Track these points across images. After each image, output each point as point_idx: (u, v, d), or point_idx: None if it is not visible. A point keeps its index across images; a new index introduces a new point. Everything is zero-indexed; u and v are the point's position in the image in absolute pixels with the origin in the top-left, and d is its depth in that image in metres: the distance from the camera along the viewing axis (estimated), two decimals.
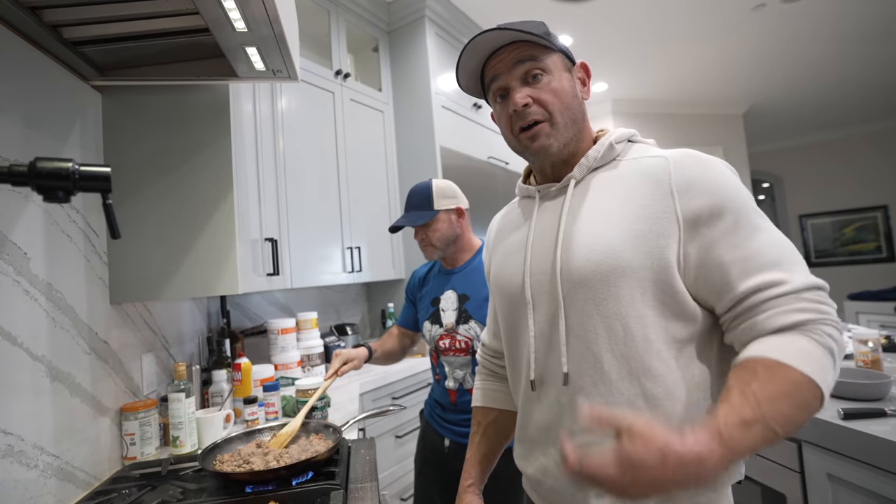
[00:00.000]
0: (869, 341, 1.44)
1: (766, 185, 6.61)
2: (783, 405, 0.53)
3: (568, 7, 2.86)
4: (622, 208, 0.66)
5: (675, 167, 0.65)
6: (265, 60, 1.14)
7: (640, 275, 0.63)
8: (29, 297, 0.94)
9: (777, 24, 3.22)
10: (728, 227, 0.62)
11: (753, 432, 0.51)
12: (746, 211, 0.63)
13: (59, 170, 0.60)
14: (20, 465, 0.88)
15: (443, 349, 1.39)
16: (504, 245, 0.83)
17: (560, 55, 0.74)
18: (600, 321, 0.65)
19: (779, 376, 0.54)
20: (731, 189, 0.64)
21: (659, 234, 0.63)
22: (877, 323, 4.33)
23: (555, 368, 0.70)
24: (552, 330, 0.71)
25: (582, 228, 0.69)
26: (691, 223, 0.63)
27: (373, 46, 2.79)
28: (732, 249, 0.61)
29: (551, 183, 0.77)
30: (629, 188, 0.68)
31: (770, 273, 0.60)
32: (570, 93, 0.73)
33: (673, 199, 0.63)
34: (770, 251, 0.61)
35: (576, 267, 0.67)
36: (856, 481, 1.09)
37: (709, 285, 0.63)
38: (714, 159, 0.67)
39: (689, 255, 0.63)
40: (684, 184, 0.64)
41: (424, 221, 1.37)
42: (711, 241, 0.62)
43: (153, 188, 1.28)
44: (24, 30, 0.94)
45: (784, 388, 0.54)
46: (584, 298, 0.66)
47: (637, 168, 0.69)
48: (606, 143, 0.73)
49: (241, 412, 1.54)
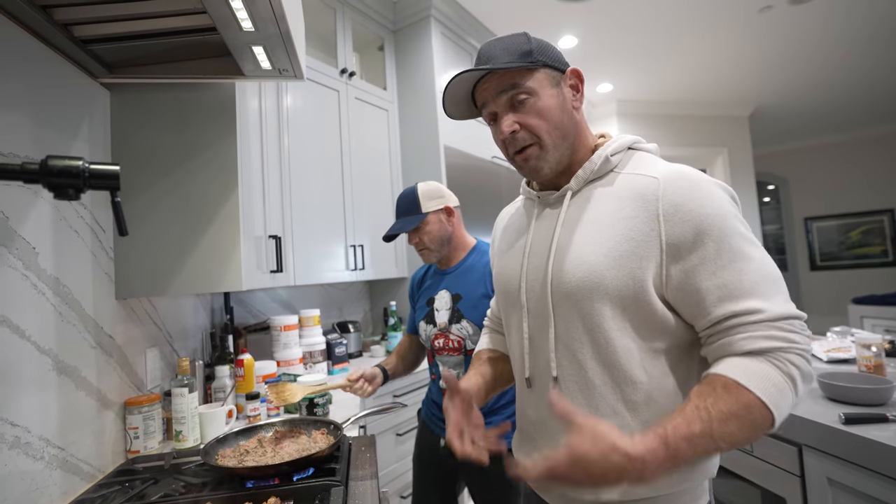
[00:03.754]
0: (872, 346, 1.43)
1: (770, 187, 6.58)
2: (732, 424, 0.57)
3: (572, 8, 2.86)
4: (611, 228, 0.69)
5: (664, 190, 0.66)
6: (271, 59, 1.15)
7: (621, 293, 0.67)
8: (37, 292, 0.95)
9: (784, 25, 3.20)
10: (708, 254, 0.64)
11: (698, 445, 0.56)
12: (730, 237, 0.64)
13: (69, 168, 0.61)
14: (27, 456, 0.89)
15: (437, 348, 1.40)
16: (507, 244, 0.87)
17: (545, 71, 0.74)
18: (585, 332, 0.69)
19: (734, 396, 0.58)
20: (717, 215, 0.64)
21: (642, 257, 0.66)
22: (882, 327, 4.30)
23: (545, 371, 0.75)
24: (542, 335, 0.75)
25: (572, 243, 0.72)
26: (674, 248, 0.65)
27: (378, 45, 2.80)
28: (710, 276, 0.63)
29: (550, 191, 0.79)
30: (619, 207, 0.70)
31: (746, 301, 0.62)
32: (558, 109, 0.73)
33: (658, 223, 0.65)
34: (748, 280, 0.63)
35: (564, 281, 0.71)
36: (856, 486, 1.09)
37: (687, 307, 0.66)
38: (707, 181, 0.68)
39: (671, 276, 0.66)
40: (671, 208, 0.65)
41: (415, 226, 1.38)
42: (692, 266, 0.64)
43: (159, 185, 1.29)
44: (35, 28, 0.95)
45: (736, 408, 0.58)
46: (571, 309, 0.70)
47: (630, 185, 0.71)
48: (602, 157, 0.74)
49: (243, 408, 1.56)
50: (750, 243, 0.65)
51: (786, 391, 0.59)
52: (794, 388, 0.60)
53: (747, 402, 0.58)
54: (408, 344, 1.63)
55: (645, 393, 0.68)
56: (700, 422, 0.56)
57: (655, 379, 0.68)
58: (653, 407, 0.68)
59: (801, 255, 6.29)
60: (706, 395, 0.59)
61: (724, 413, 0.57)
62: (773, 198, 6.58)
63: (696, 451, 0.56)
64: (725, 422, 0.57)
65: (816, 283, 6.15)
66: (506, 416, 1.31)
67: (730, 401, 0.58)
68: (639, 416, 0.68)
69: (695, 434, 0.56)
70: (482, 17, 2.98)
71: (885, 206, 5.70)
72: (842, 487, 1.13)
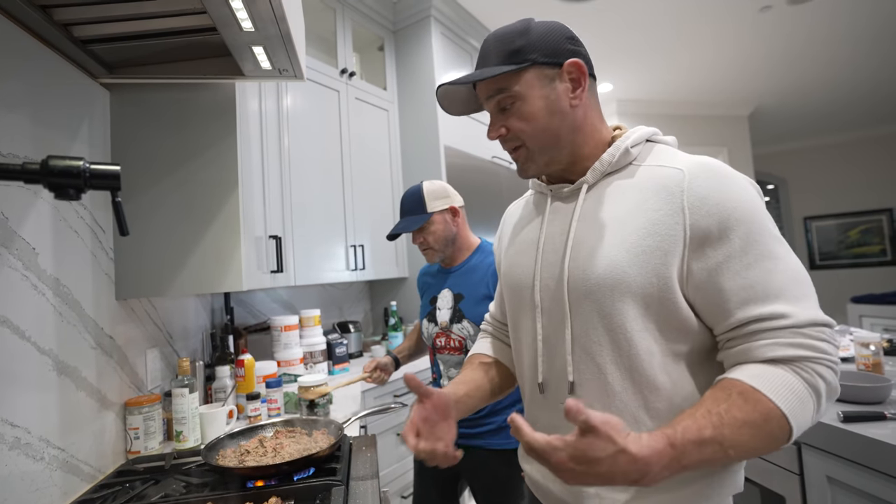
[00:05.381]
0: (871, 344, 1.44)
1: (770, 186, 6.59)
2: (745, 433, 0.54)
3: (572, 8, 2.86)
4: (633, 221, 0.65)
5: (689, 182, 0.63)
6: (271, 59, 1.15)
7: (645, 291, 0.63)
8: (37, 292, 0.95)
9: (783, 26, 3.20)
10: (734, 251, 0.60)
11: (706, 451, 0.54)
12: (758, 234, 0.60)
13: (70, 168, 0.61)
14: (27, 457, 0.89)
15: (439, 347, 1.40)
16: (517, 240, 0.82)
17: (536, 69, 0.69)
18: (605, 333, 0.65)
19: (751, 404, 0.55)
20: (745, 209, 0.61)
21: (667, 252, 0.62)
22: (880, 326, 4.31)
23: (560, 375, 0.70)
24: (558, 337, 0.70)
25: (591, 238, 0.67)
26: (698, 242, 0.61)
27: (378, 45, 2.80)
28: (734, 276, 0.60)
29: (563, 183, 0.75)
30: (642, 199, 0.66)
31: (772, 305, 0.58)
32: (545, 111, 0.69)
33: (683, 214, 0.61)
34: (776, 281, 0.59)
35: (583, 278, 0.66)
36: (855, 484, 1.09)
37: (707, 308, 0.63)
38: (736, 174, 0.64)
39: (693, 272, 0.62)
40: (697, 200, 0.61)
41: (419, 225, 1.38)
42: (716, 264, 0.60)
43: (159, 185, 1.29)
44: (35, 28, 0.95)
45: (752, 416, 0.54)
46: (590, 309, 0.66)
47: (653, 177, 0.67)
48: (622, 148, 0.70)
49: (243, 408, 1.56)
50: (779, 242, 0.61)
51: (808, 404, 0.56)
52: (818, 402, 0.57)
53: (765, 411, 0.55)
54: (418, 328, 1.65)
55: (667, 399, 0.64)
56: (711, 427, 0.54)
57: (677, 384, 0.64)
58: (675, 414, 0.61)
59: (801, 254, 6.30)
60: (721, 400, 0.56)
61: (738, 420, 0.54)
62: (772, 197, 6.59)
63: (703, 457, 0.54)
64: (738, 430, 0.54)
65: (816, 283, 5.86)
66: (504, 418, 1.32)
67: (746, 409, 0.55)
68: (661, 424, 0.62)
69: (704, 439, 0.53)
70: (482, 17, 2.98)
71: (883, 205, 5.71)
72: (841, 485, 1.13)
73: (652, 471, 0.52)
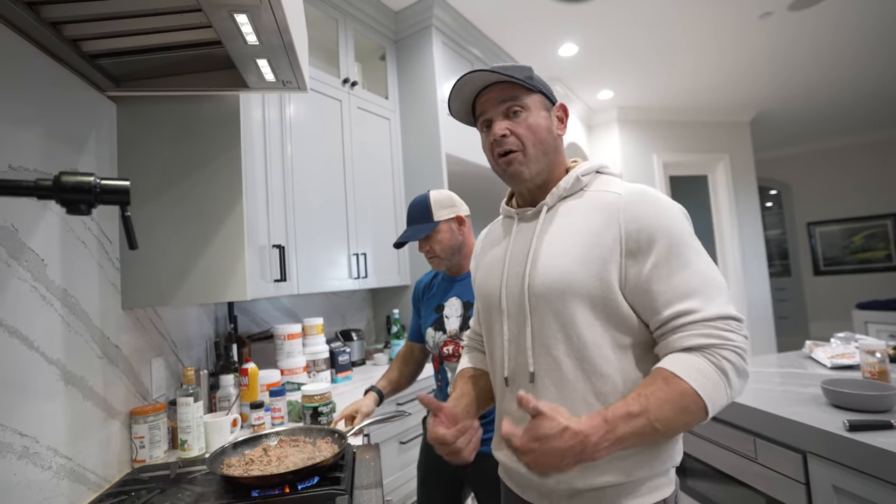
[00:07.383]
0: (876, 352, 1.43)
1: (773, 192, 6.58)
2: (666, 409, 0.67)
3: (574, 16, 2.88)
4: (580, 235, 0.78)
5: (625, 204, 0.77)
6: (275, 72, 1.16)
7: (590, 292, 0.75)
8: (45, 303, 0.96)
9: (784, 31, 3.22)
10: (660, 260, 0.73)
11: (635, 424, 0.66)
12: (678, 247, 0.74)
13: (81, 184, 0.63)
14: (35, 466, 0.90)
15: (446, 355, 1.40)
16: (487, 258, 0.96)
17: (540, 96, 0.86)
18: (559, 329, 0.77)
19: (671, 386, 0.68)
20: (668, 226, 0.74)
21: (607, 261, 0.75)
22: (886, 333, 4.28)
23: (523, 368, 0.82)
24: (520, 335, 0.82)
25: (547, 251, 0.81)
26: (631, 252, 0.74)
27: (380, 55, 2.83)
28: (660, 281, 0.73)
29: (528, 207, 0.89)
30: (588, 217, 0.79)
31: (688, 302, 0.71)
32: (545, 129, 0.85)
33: (619, 229, 0.75)
34: (692, 284, 0.72)
35: (539, 284, 0.79)
36: (861, 493, 1.08)
37: (642, 307, 0.75)
38: (663, 198, 0.78)
39: (629, 277, 0.75)
40: (630, 218, 0.75)
41: (426, 234, 1.39)
42: (646, 270, 0.74)
43: (164, 196, 1.31)
44: (44, 43, 0.97)
45: (671, 395, 0.67)
46: (546, 310, 0.78)
47: (597, 200, 0.81)
48: (574, 176, 0.84)
49: (247, 417, 1.56)
50: (697, 254, 0.75)
51: (719, 384, 0.68)
52: (728, 381, 0.69)
53: (681, 390, 0.67)
54: (409, 353, 1.63)
55: (613, 385, 0.76)
56: (638, 405, 0.67)
57: (623, 372, 0.76)
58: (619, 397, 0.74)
59: (805, 260, 6.27)
60: (648, 384, 0.69)
61: (660, 399, 0.67)
62: (775, 203, 6.58)
63: (633, 429, 0.66)
64: (661, 406, 0.67)
65: (820, 289, 6.12)
66: None
67: (666, 389, 0.67)
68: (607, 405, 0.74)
69: (632, 413, 0.66)
70: (483, 27, 3.00)
71: (888, 210, 5.69)
72: (847, 495, 1.12)
73: (591, 441, 0.64)
